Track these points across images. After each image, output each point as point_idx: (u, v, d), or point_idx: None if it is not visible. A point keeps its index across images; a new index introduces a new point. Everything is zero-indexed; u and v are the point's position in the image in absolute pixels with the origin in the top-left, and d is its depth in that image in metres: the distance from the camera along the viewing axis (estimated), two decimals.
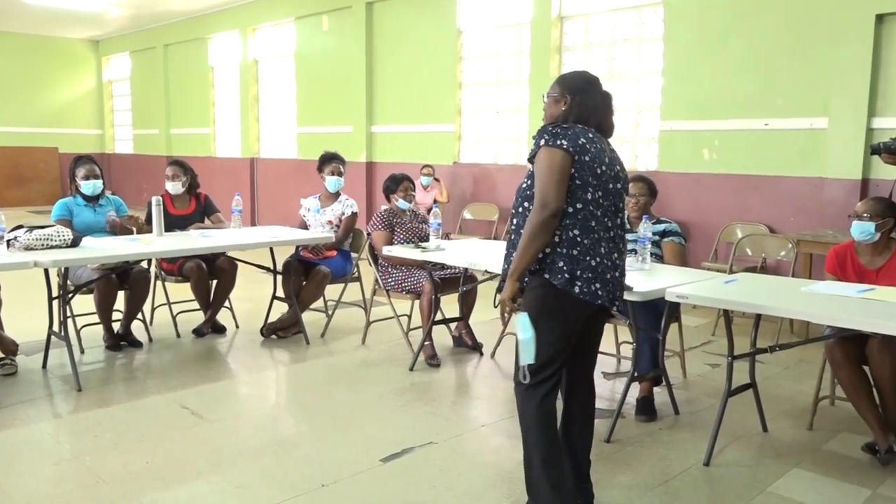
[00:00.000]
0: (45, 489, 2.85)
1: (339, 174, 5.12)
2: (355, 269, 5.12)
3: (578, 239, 2.41)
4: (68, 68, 15.15)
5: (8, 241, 3.76)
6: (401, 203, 4.73)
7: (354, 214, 5.16)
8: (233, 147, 12.14)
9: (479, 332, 4.78)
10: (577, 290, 2.40)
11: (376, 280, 4.68)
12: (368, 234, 4.75)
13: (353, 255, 5.18)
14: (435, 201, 7.66)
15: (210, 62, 12.50)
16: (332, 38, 9.99)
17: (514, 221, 2.53)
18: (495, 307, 4.35)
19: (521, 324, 2.40)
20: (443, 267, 4.49)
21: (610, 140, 2.61)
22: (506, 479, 2.89)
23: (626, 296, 2.87)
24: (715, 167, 6.32)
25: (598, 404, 2.90)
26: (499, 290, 4.36)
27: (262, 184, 11.47)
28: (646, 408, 3.58)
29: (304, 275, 4.99)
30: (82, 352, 4.54)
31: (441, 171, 8.25)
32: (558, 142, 2.40)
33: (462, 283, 4.55)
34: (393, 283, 4.60)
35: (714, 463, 3.09)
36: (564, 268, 2.39)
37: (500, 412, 3.74)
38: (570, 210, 2.41)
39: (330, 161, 5.15)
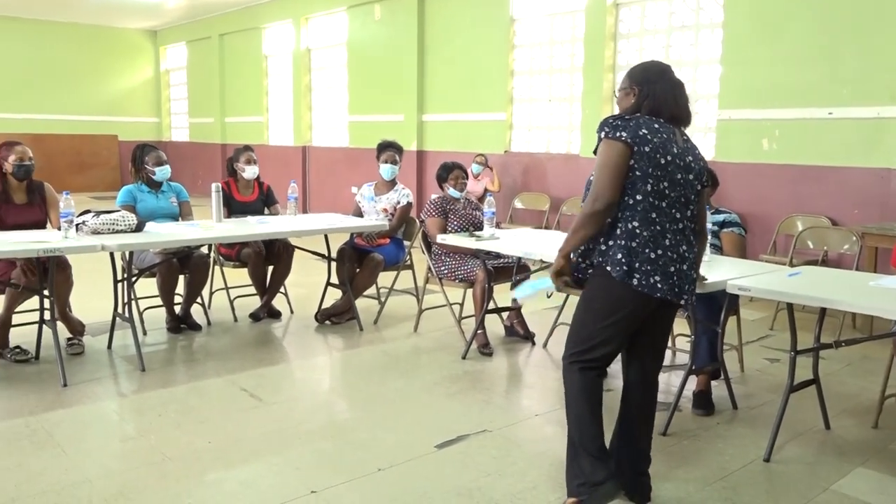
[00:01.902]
0: (115, 465, 2.96)
1: (394, 162, 5.15)
2: (408, 257, 5.15)
3: (638, 231, 2.38)
4: (127, 58, 15.54)
5: (77, 226, 3.89)
6: (452, 192, 4.73)
7: (409, 204, 5.19)
8: (285, 135, 12.31)
9: (532, 322, 4.77)
10: (634, 282, 2.38)
11: (429, 268, 4.70)
12: (422, 221, 4.77)
13: (406, 242, 5.21)
14: (486, 190, 7.65)
15: (264, 51, 12.68)
16: (383, 26, 10.03)
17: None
18: (549, 297, 4.36)
19: (534, 285, 2.57)
20: (497, 256, 4.48)
21: (686, 129, 2.56)
22: (560, 468, 2.87)
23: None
24: (775, 157, 6.15)
25: None
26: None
27: (314, 172, 11.61)
28: (703, 402, 3.53)
29: (357, 262, 5.04)
30: (145, 333, 4.67)
31: (491, 160, 8.23)
32: (617, 133, 2.38)
33: (515, 272, 4.54)
34: (446, 272, 4.62)
35: (774, 459, 3.03)
36: (623, 260, 2.38)
37: (553, 402, 3.73)
38: (630, 202, 2.39)
39: (385, 149, 5.18)
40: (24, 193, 4.22)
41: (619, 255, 2.38)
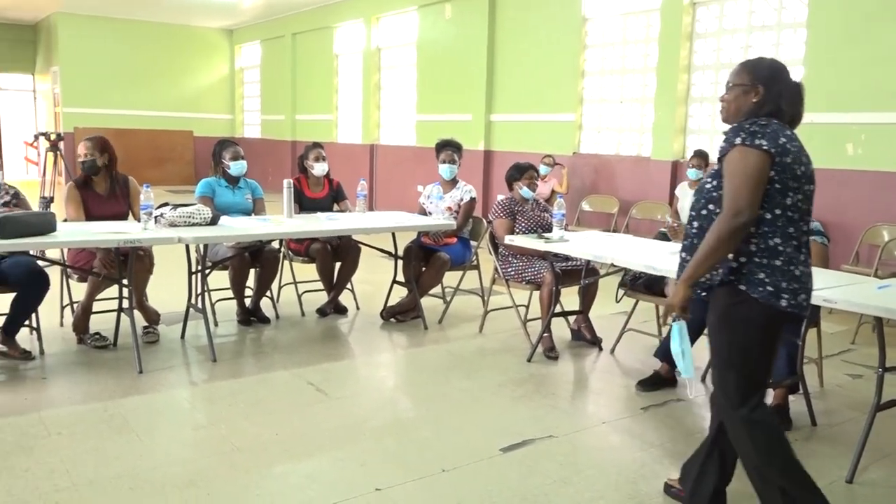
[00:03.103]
0: (186, 453, 3.03)
1: (453, 162, 5.12)
2: (474, 257, 5.13)
3: (780, 248, 2.20)
4: (204, 56, 16.00)
5: (156, 218, 4.01)
6: (524, 192, 4.68)
7: (473, 199, 5.16)
8: (353, 133, 12.46)
9: (599, 327, 4.68)
10: (783, 303, 2.20)
11: (496, 269, 4.67)
12: (489, 222, 4.74)
13: (473, 243, 5.19)
14: (553, 191, 7.56)
15: (335, 50, 12.86)
16: (454, 26, 10.03)
17: (695, 224, 2.34)
18: (617, 301, 4.28)
19: (679, 334, 2.29)
20: (566, 258, 4.42)
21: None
22: (630, 480, 2.81)
23: None
24: (859, 163, 5.87)
25: None
26: (622, 284, 4.26)
27: (381, 170, 11.71)
28: (781, 416, 3.39)
29: (424, 261, 5.05)
30: (216, 324, 4.78)
31: (559, 161, 8.13)
32: (756, 141, 2.17)
33: (584, 275, 4.46)
34: (513, 273, 4.57)
35: (858, 481, 2.88)
36: (766, 280, 2.20)
37: (621, 410, 3.65)
38: (769, 216, 2.20)
39: (443, 148, 5.17)
40: (107, 186, 4.37)
41: (762, 275, 2.20)
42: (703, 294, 2.33)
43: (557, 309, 4.39)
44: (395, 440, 3.18)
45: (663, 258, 3.61)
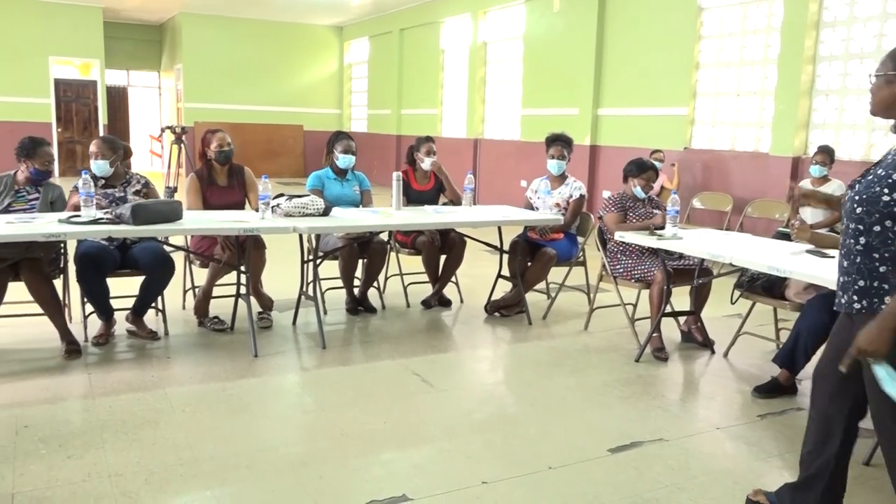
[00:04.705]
0: (298, 435, 3.14)
1: (562, 157, 5.03)
2: (581, 253, 5.04)
3: None
4: (314, 53, 16.51)
5: (272, 208, 4.16)
6: (636, 190, 4.54)
7: (582, 197, 5.07)
8: (458, 127, 12.52)
9: (712, 329, 4.50)
10: None
11: (604, 266, 4.57)
12: (599, 217, 4.63)
13: (580, 239, 5.10)
14: (662, 187, 7.32)
15: (441, 45, 12.97)
16: (562, 18, 9.89)
17: (861, 241, 2.04)
18: (733, 303, 4.09)
19: (888, 377, 1.93)
20: (680, 256, 4.27)
21: None
22: (747, 490, 2.68)
23: None
24: None
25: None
26: (738, 285, 4.05)
27: (484, 164, 11.72)
28: None
29: (530, 256, 5.01)
30: (325, 313, 4.92)
31: (669, 156, 7.87)
32: None
33: (697, 275, 4.30)
34: (621, 270, 4.46)
35: None
36: None
37: (736, 416, 3.49)
38: None
39: (553, 143, 5.08)
40: (226, 177, 4.59)
41: None
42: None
43: (668, 309, 4.26)
44: (501, 434, 3.17)
45: (786, 259, 3.42)
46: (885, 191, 1.98)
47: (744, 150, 7.65)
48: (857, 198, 2.06)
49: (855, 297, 2.06)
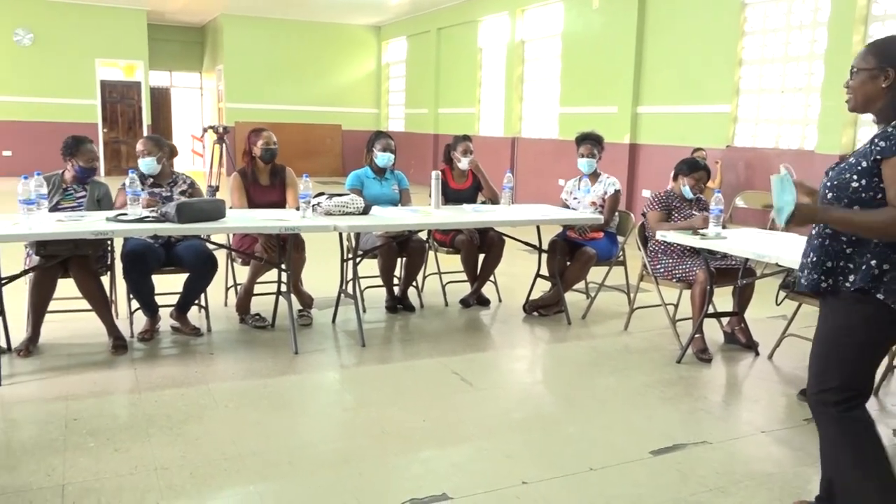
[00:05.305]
0: (337, 433, 3.16)
1: (592, 156, 4.98)
2: (621, 253, 4.99)
3: None
4: (352, 52, 16.62)
5: (313, 207, 4.20)
6: (685, 190, 4.47)
7: (617, 192, 5.01)
8: (495, 126, 12.50)
9: (756, 331, 4.41)
10: None
11: (644, 265, 4.51)
12: (643, 214, 4.57)
13: (620, 238, 5.04)
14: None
15: (479, 44, 12.95)
16: (601, 15, 9.80)
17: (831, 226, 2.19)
18: (778, 304, 4.00)
19: (781, 185, 2.17)
20: (724, 256, 4.19)
21: None
22: (795, 496, 2.62)
23: None
24: None
25: None
26: (784, 286, 3.96)
27: (521, 163, 11.67)
28: None
29: (569, 255, 4.97)
30: (364, 311, 4.94)
31: (712, 154, 7.74)
32: None
33: (741, 275, 4.22)
34: (662, 270, 4.40)
35: None
36: None
37: (781, 419, 3.42)
38: None
39: (583, 141, 5.03)
40: (268, 176, 4.64)
41: None
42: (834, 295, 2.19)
43: (710, 309, 4.19)
44: (541, 434, 3.15)
45: None
46: (854, 177, 2.11)
47: (788, 147, 7.48)
48: (828, 184, 2.19)
49: (822, 277, 2.19)
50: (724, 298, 4.52)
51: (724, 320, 4.51)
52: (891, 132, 2.07)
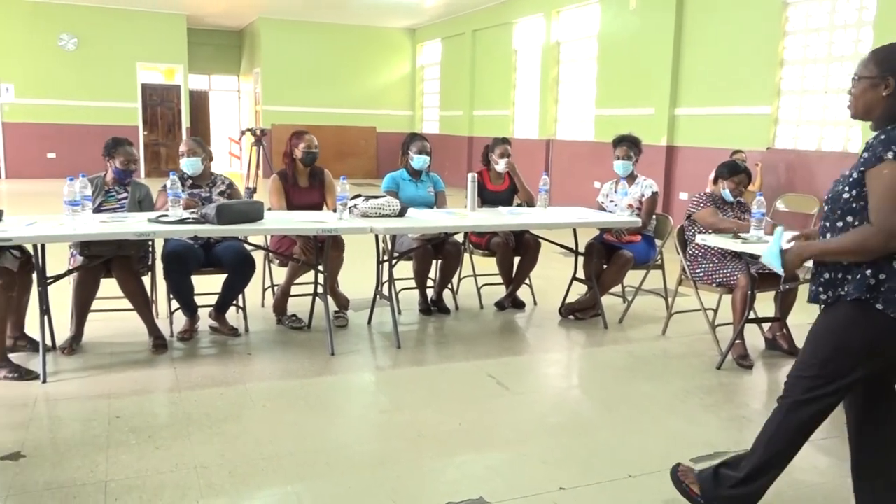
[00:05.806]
0: (373, 434, 3.17)
1: (628, 158, 4.92)
2: (659, 256, 4.92)
3: None
4: (387, 55, 16.69)
5: (350, 209, 4.22)
6: (725, 193, 4.39)
7: (655, 194, 4.95)
8: (530, 128, 12.45)
9: (798, 337, 4.31)
10: None
11: (683, 269, 4.44)
12: (688, 215, 4.46)
13: (658, 241, 4.98)
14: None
15: (514, 46, 12.91)
16: (638, 16, 9.69)
17: (829, 236, 2.16)
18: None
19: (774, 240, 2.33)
20: None
21: None
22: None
23: None
24: None
25: None
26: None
27: (556, 165, 11.60)
28: None
29: (605, 258, 4.92)
30: (400, 313, 4.94)
31: (751, 157, 7.61)
32: None
33: (783, 280, 4.13)
34: (702, 274, 4.33)
35: None
36: None
37: (825, 428, 3.27)
38: None
39: (619, 144, 4.97)
40: (307, 178, 4.67)
41: None
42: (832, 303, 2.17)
43: (751, 315, 4.11)
44: (577, 440, 3.12)
45: None
46: (846, 188, 2.10)
47: (831, 150, 7.32)
48: (826, 196, 2.21)
49: (821, 289, 2.18)
50: (765, 304, 4.43)
51: (766, 326, 4.43)
52: (873, 143, 2.05)
